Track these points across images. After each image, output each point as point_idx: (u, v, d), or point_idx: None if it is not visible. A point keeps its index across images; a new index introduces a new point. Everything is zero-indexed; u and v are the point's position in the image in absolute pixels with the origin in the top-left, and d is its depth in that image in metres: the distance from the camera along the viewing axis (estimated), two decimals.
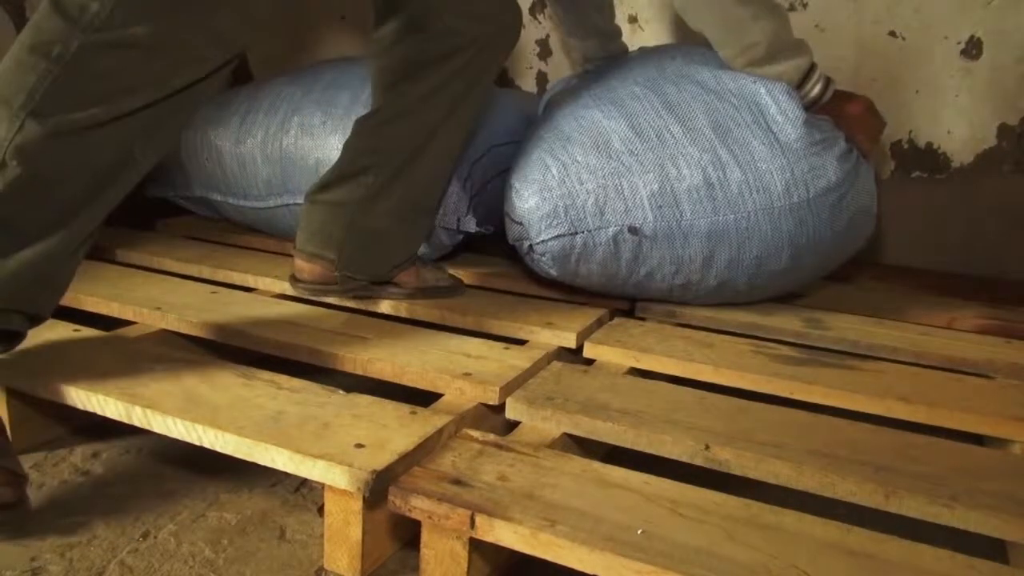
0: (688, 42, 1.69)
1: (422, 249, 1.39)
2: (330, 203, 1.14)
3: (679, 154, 1.10)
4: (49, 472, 0.92)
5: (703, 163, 1.09)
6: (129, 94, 0.81)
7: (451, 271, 1.39)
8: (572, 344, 1.09)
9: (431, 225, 1.26)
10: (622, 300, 1.25)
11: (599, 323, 1.17)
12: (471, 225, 1.32)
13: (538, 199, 1.12)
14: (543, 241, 1.13)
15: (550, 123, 1.21)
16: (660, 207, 1.10)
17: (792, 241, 1.12)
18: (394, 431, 0.79)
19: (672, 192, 1.10)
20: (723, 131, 1.10)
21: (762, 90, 1.11)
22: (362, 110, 1.40)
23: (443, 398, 0.93)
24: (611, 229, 1.11)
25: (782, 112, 1.10)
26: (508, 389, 0.92)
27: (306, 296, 1.19)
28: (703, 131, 1.10)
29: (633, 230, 1.10)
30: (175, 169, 1.61)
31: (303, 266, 1.17)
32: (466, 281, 1.36)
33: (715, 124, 1.10)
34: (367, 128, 1.14)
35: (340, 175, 1.14)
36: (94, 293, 1.18)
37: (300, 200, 1.44)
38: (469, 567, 0.69)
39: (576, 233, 1.12)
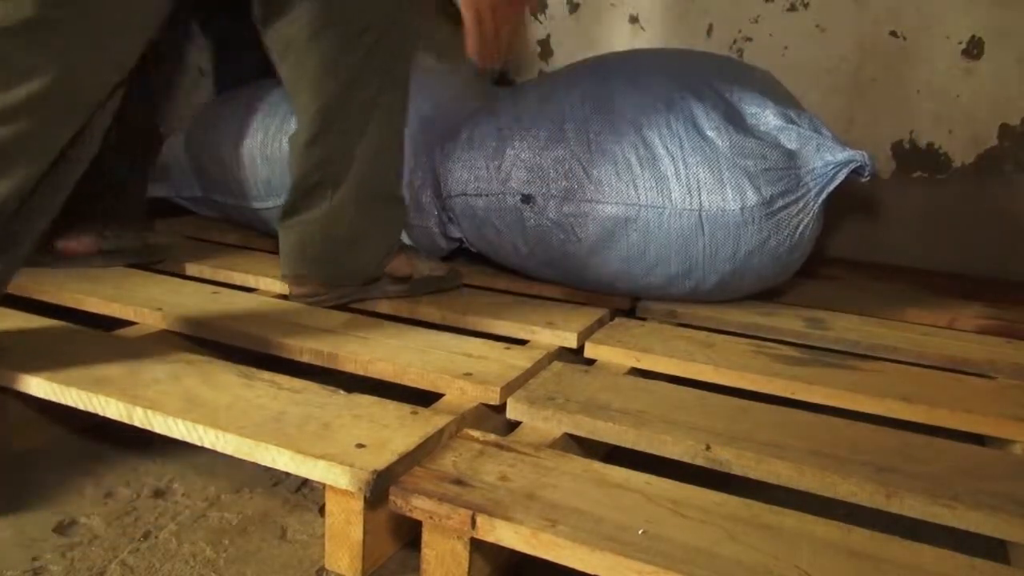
0: (688, 44, 1.70)
1: None
2: (299, 224, 1.15)
3: (602, 139, 1.16)
4: (50, 472, 0.92)
5: (618, 151, 1.15)
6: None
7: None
8: (573, 344, 1.09)
9: (402, 210, 1.24)
10: (623, 299, 1.26)
11: (600, 323, 1.17)
12: (456, 232, 1.32)
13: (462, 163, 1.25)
14: (451, 197, 1.25)
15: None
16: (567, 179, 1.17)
17: (684, 249, 1.14)
18: (395, 431, 0.79)
19: (584, 172, 1.16)
20: (641, 125, 1.15)
21: (698, 110, 1.14)
22: None
23: (444, 398, 0.93)
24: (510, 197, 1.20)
25: (713, 127, 1.13)
26: (509, 389, 0.92)
27: (305, 304, 1.19)
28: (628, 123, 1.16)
29: (527, 199, 1.18)
30: (176, 169, 1.61)
31: (293, 287, 1.19)
32: (467, 281, 1.36)
33: (638, 121, 1.15)
34: (305, 143, 1.11)
35: (298, 196, 1.14)
36: (95, 294, 1.18)
37: None
38: (470, 567, 0.69)
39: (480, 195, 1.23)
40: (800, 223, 1.12)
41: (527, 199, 1.18)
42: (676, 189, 1.12)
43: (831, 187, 1.11)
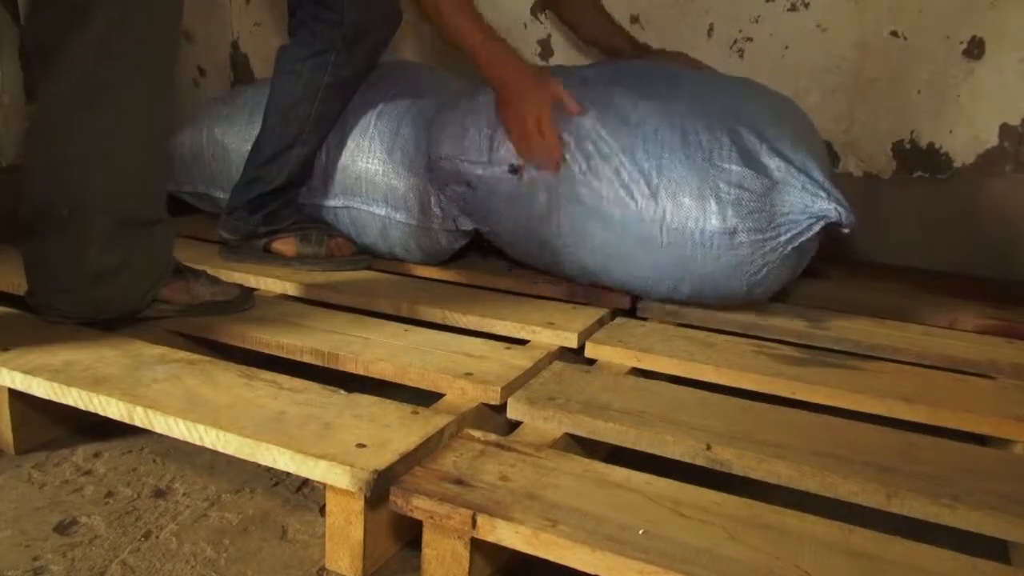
0: (688, 44, 1.70)
1: (419, 255, 1.39)
2: (41, 249, 1.01)
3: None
4: (51, 472, 0.92)
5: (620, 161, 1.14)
6: None
7: (449, 272, 1.38)
8: (573, 344, 1.09)
9: (169, 232, 1.09)
10: (623, 299, 1.25)
11: (600, 323, 1.17)
12: (467, 224, 1.32)
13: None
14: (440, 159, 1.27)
15: None
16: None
17: (646, 254, 1.13)
18: (396, 431, 0.79)
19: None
20: (631, 123, 1.14)
21: (689, 124, 1.13)
22: (368, 109, 1.41)
23: (444, 398, 0.93)
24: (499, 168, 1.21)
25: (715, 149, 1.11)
26: (510, 389, 0.92)
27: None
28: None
29: (514, 169, 1.19)
30: (178, 165, 1.61)
31: (40, 312, 1.05)
32: (467, 281, 1.36)
33: (628, 120, 1.15)
34: (35, 143, 0.97)
35: (34, 216, 0.98)
36: None
37: (304, 199, 1.44)
38: (471, 567, 0.69)
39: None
40: (764, 263, 1.10)
41: (515, 169, 1.20)
42: (643, 194, 1.11)
43: (804, 237, 1.08)
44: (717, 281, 1.13)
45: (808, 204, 1.07)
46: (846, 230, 1.08)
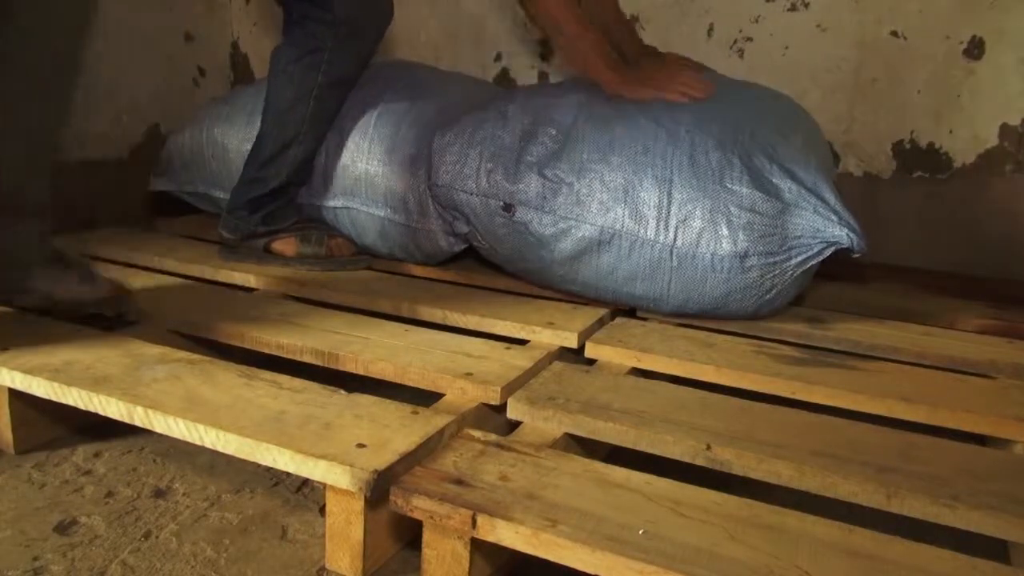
0: (688, 43, 1.70)
1: (419, 256, 1.38)
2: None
3: (595, 159, 1.15)
4: (51, 472, 0.92)
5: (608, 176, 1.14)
6: None
7: (449, 272, 1.38)
8: (573, 344, 1.09)
9: (47, 223, 1.07)
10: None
11: (600, 323, 1.17)
12: (464, 228, 1.32)
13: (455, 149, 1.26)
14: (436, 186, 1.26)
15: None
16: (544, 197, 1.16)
17: (650, 276, 1.13)
18: (396, 431, 0.79)
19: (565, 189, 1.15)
20: (637, 151, 1.13)
21: (699, 145, 1.11)
22: (367, 110, 1.41)
23: (444, 398, 0.93)
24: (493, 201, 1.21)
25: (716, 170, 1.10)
26: (510, 389, 0.92)
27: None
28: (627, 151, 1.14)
29: (508, 207, 1.17)
30: (178, 164, 1.61)
31: None
32: (467, 281, 1.36)
33: (635, 147, 1.14)
34: None
35: None
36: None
37: (304, 199, 1.44)
38: (471, 567, 0.69)
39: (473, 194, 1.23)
40: (773, 286, 1.10)
41: (508, 208, 1.18)
42: (654, 220, 1.10)
43: (814, 261, 1.08)
44: (726, 302, 1.12)
45: (820, 228, 1.07)
46: (857, 255, 1.07)
